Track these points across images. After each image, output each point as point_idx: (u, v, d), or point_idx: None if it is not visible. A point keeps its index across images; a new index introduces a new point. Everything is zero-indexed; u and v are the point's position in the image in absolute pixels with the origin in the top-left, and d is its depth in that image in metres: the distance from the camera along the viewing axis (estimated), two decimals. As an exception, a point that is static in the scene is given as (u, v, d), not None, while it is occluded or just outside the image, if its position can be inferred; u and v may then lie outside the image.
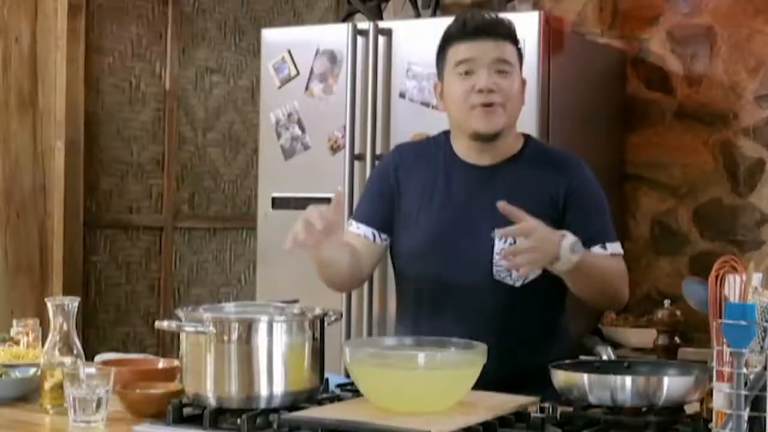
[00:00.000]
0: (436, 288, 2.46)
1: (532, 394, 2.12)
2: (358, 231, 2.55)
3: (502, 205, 2.25)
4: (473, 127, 2.44)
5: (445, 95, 2.50)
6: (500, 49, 2.44)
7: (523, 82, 2.51)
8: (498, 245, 2.40)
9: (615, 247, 2.48)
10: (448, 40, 2.49)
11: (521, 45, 2.51)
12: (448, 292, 2.44)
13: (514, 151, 2.51)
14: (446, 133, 2.58)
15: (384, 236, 2.54)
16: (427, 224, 2.47)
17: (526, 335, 2.45)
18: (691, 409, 2.02)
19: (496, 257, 2.41)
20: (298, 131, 3.93)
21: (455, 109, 2.47)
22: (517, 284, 2.42)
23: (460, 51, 2.45)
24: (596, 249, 2.44)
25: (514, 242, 2.37)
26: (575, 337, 2.59)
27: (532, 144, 2.56)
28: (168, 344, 4.49)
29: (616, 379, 1.95)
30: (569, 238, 2.26)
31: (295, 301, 2.22)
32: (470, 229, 2.42)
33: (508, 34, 2.46)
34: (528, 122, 3.49)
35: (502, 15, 2.54)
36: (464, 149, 2.52)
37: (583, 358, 2.24)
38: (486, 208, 2.35)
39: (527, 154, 2.52)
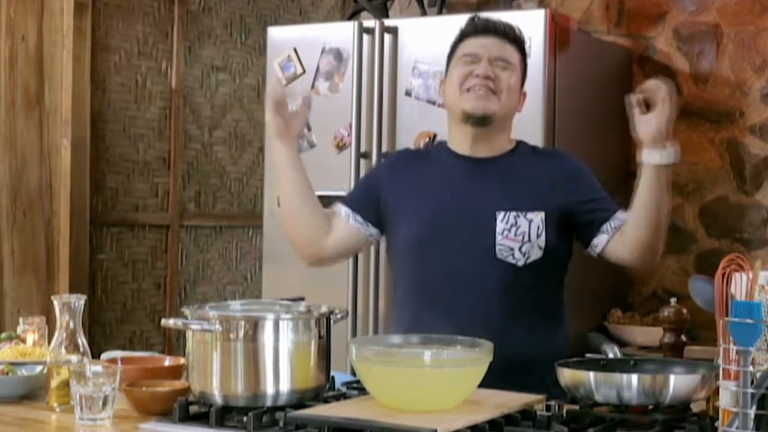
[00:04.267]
0: (438, 271, 2.49)
1: (532, 384, 2.16)
2: (334, 208, 2.62)
3: (635, 97, 2.37)
4: (464, 106, 2.50)
5: (445, 84, 2.57)
6: (502, 48, 2.53)
7: (524, 95, 2.59)
8: (500, 225, 2.45)
9: None
10: (460, 38, 2.58)
11: (527, 52, 2.60)
12: (451, 273, 2.47)
13: (508, 149, 2.58)
14: (444, 142, 2.65)
15: (359, 218, 2.58)
16: (427, 211, 2.51)
17: (526, 316, 2.47)
18: (697, 407, 2.02)
19: (498, 237, 2.45)
20: (304, 129, 3.92)
21: (451, 92, 2.53)
22: (519, 263, 2.45)
23: (467, 45, 2.55)
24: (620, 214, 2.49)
25: (515, 223, 2.44)
26: (581, 335, 2.59)
27: (524, 145, 2.63)
28: (174, 342, 4.51)
29: (622, 378, 1.95)
30: None
31: (301, 299, 2.22)
32: (471, 211, 2.47)
33: (513, 37, 2.55)
34: (534, 120, 3.51)
35: (510, 19, 2.63)
36: (460, 142, 2.57)
37: (589, 356, 2.23)
38: (487, 193, 2.47)
39: (520, 151, 2.59)
